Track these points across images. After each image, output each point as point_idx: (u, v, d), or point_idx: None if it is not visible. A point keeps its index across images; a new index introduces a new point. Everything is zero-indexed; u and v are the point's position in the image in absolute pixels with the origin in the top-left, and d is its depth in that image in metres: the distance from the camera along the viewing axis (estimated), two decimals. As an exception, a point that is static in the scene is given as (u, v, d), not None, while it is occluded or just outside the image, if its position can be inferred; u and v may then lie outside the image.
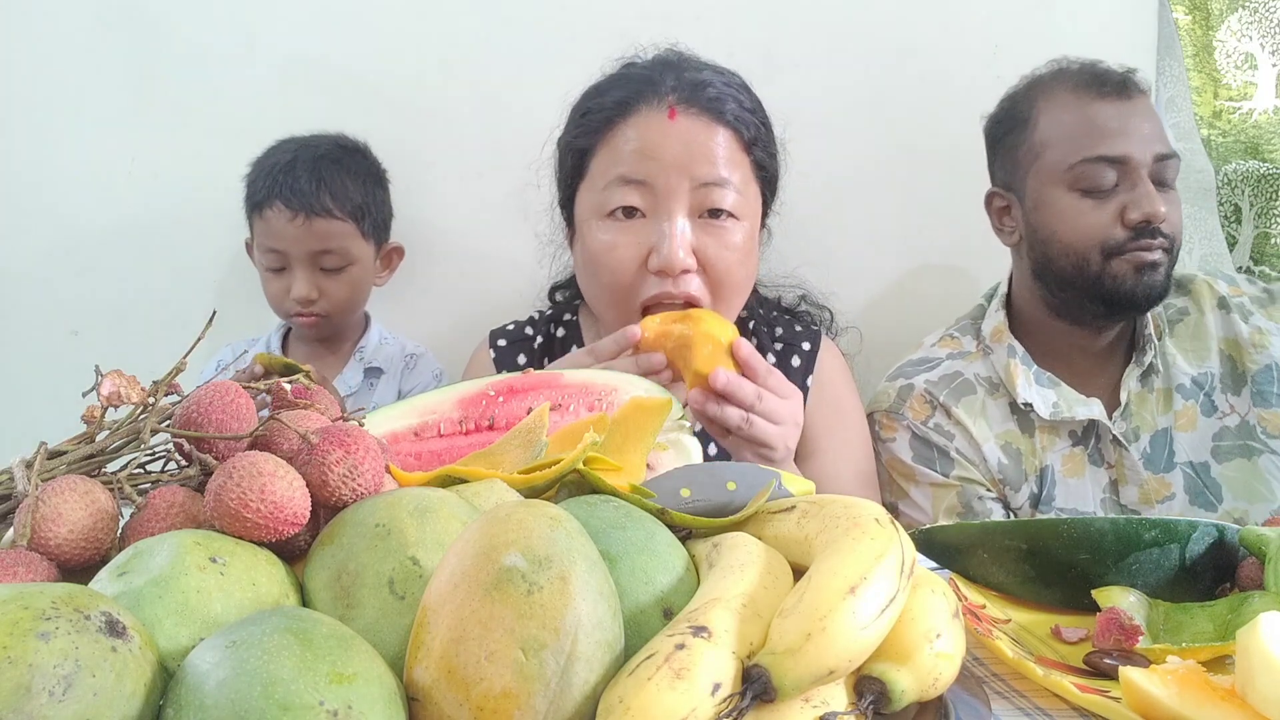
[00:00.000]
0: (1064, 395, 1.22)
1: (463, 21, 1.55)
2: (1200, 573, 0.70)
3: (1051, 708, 0.58)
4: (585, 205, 1.10)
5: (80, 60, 1.54)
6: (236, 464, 0.49)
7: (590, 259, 1.08)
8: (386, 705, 0.39)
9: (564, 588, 0.42)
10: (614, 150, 1.06)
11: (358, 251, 1.41)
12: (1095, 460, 1.22)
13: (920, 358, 1.30)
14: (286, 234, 1.37)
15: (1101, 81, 1.18)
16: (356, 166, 1.43)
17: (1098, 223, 1.15)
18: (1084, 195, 1.16)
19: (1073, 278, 1.18)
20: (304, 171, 1.37)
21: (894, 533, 0.48)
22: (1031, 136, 1.21)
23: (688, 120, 1.04)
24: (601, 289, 1.09)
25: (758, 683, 0.42)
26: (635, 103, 1.06)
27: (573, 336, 1.26)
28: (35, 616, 0.37)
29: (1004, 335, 1.26)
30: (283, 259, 1.39)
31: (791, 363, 1.21)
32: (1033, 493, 1.22)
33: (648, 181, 1.03)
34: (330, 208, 1.37)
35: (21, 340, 1.59)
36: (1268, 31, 1.60)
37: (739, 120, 1.07)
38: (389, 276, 1.52)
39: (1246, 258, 1.62)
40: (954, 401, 1.23)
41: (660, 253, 1.02)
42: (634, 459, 0.70)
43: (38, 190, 1.57)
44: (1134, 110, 1.16)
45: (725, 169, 1.05)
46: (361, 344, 1.50)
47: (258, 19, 1.54)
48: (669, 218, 1.03)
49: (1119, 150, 1.14)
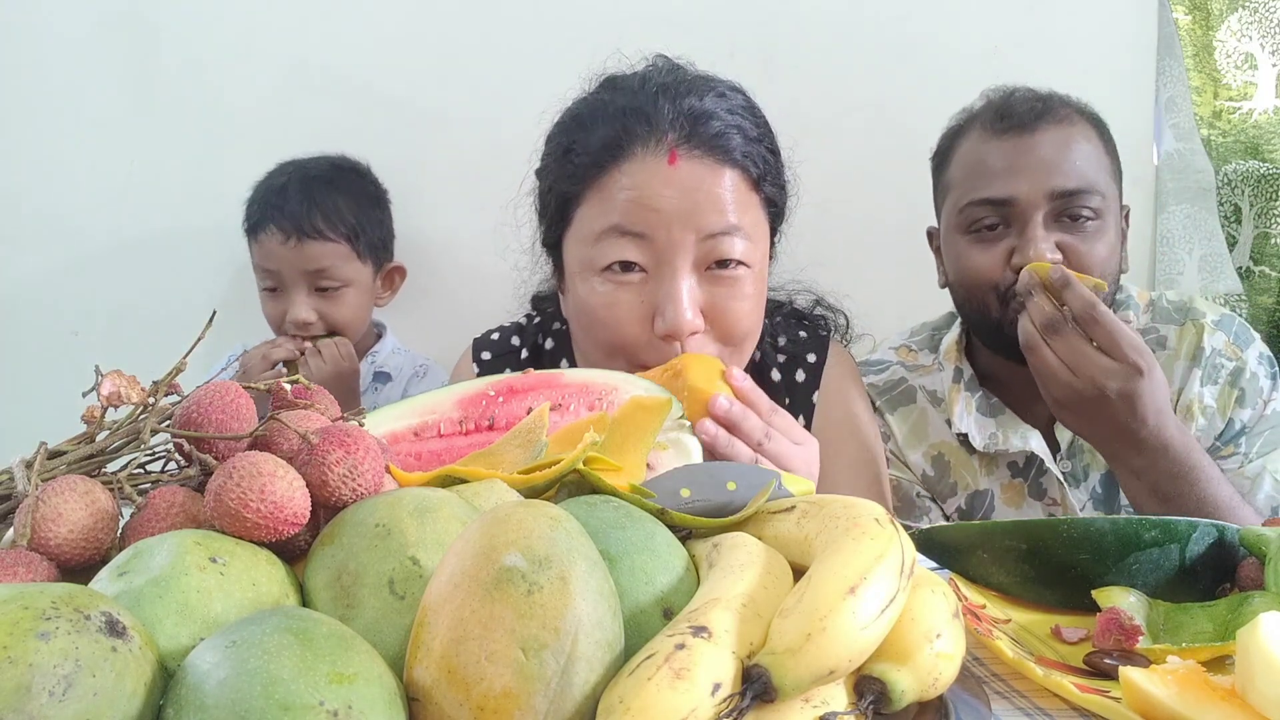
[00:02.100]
0: (1004, 425, 1.19)
1: (462, 28, 1.55)
2: (1200, 573, 0.70)
3: (1051, 708, 0.58)
4: (575, 257, 0.98)
5: (80, 64, 1.55)
6: (236, 464, 0.49)
7: (585, 314, 0.97)
8: (386, 705, 0.39)
9: (564, 588, 0.42)
10: (606, 199, 0.93)
11: (353, 273, 1.41)
12: (1035, 493, 1.19)
13: (875, 359, 1.31)
14: (280, 256, 1.37)
15: (1004, 117, 1.13)
16: (350, 187, 1.43)
17: (985, 266, 1.11)
18: (975, 239, 1.13)
19: (978, 323, 1.16)
20: (295, 193, 1.38)
21: (894, 533, 0.48)
22: (945, 176, 1.20)
23: (690, 164, 0.92)
24: (598, 347, 0.98)
25: (758, 683, 0.42)
26: (629, 144, 0.93)
27: (562, 349, 1.17)
28: (35, 616, 0.37)
29: (956, 354, 1.25)
30: (278, 280, 1.40)
31: (796, 377, 1.13)
32: (961, 509, 1.21)
33: (647, 235, 0.91)
34: (322, 229, 1.37)
35: (21, 340, 1.59)
36: (1268, 31, 1.60)
37: (747, 157, 0.95)
38: (391, 297, 1.52)
39: (1246, 258, 1.62)
40: (890, 408, 1.25)
41: (665, 317, 0.91)
42: (634, 459, 0.70)
43: (38, 193, 1.57)
44: (1034, 145, 1.09)
45: (734, 215, 0.93)
46: (375, 349, 1.51)
47: (257, 26, 1.55)
48: (673, 277, 0.91)
49: (1004, 192, 1.09)
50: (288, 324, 1.39)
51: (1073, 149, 1.10)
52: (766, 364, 1.13)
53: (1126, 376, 0.94)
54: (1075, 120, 1.13)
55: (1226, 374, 1.16)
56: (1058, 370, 0.96)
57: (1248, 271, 1.62)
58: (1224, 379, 1.16)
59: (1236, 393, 1.16)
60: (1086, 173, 1.10)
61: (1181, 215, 1.61)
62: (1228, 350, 1.17)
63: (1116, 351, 0.94)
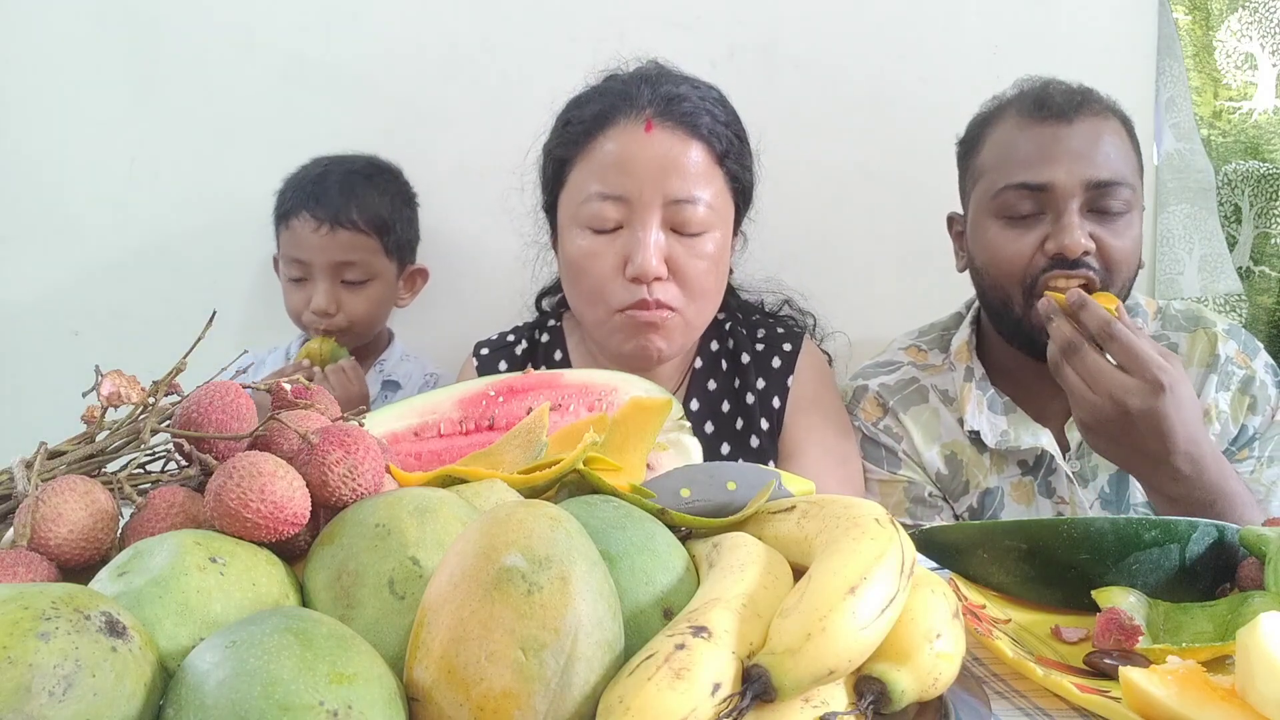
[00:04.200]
0: (1015, 423, 1.19)
1: (463, 27, 1.55)
2: (1200, 573, 0.70)
3: (1051, 708, 0.58)
4: (566, 213, 1.14)
5: (80, 60, 1.54)
6: (236, 464, 0.49)
7: (571, 264, 1.13)
8: (386, 705, 0.39)
9: (564, 588, 0.42)
10: (592, 162, 1.11)
11: (380, 267, 1.42)
12: (1044, 492, 1.19)
13: (884, 360, 1.31)
14: (310, 243, 1.38)
15: (1042, 105, 1.13)
16: (386, 185, 1.45)
17: (1018, 253, 1.11)
18: (1007, 224, 1.12)
19: (1000, 311, 1.16)
20: (334, 184, 1.39)
21: (894, 533, 0.48)
22: (975, 161, 1.19)
23: (663, 134, 1.09)
24: (581, 293, 1.14)
25: (758, 683, 0.42)
26: (613, 115, 1.11)
27: (556, 343, 1.28)
28: (35, 616, 0.37)
29: (966, 354, 1.25)
30: (305, 269, 1.40)
31: (772, 363, 1.23)
32: (972, 507, 1.21)
33: (624, 196, 1.08)
34: (355, 219, 1.38)
35: (21, 340, 1.59)
36: (1268, 31, 1.60)
37: (712, 133, 1.11)
38: (412, 299, 1.53)
39: (1246, 258, 1.62)
40: (903, 408, 1.24)
41: (635, 262, 1.07)
42: (634, 459, 0.71)
43: (38, 190, 1.57)
44: (1071, 134, 1.10)
45: (697, 185, 1.09)
46: (383, 357, 1.51)
47: (257, 19, 1.54)
48: (644, 229, 1.08)
49: (1041, 177, 1.09)
50: (309, 313, 1.39)
51: (1107, 141, 1.11)
52: (740, 348, 1.25)
53: (1147, 393, 0.91)
54: (1109, 115, 1.14)
55: (1238, 381, 1.17)
56: (1078, 390, 0.96)
57: (1248, 271, 1.61)
58: (1235, 386, 1.17)
59: (1248, 399, 1.17)
60: (1119, 166, 1.11)
61: (1181, 215, 1.61)
62: (1238, 359, 1.18)
63: (1135, 367, 0.92)
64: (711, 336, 1.25)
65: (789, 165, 1.24)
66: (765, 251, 1.29)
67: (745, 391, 1.22)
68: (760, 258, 1.29)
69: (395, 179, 1.48)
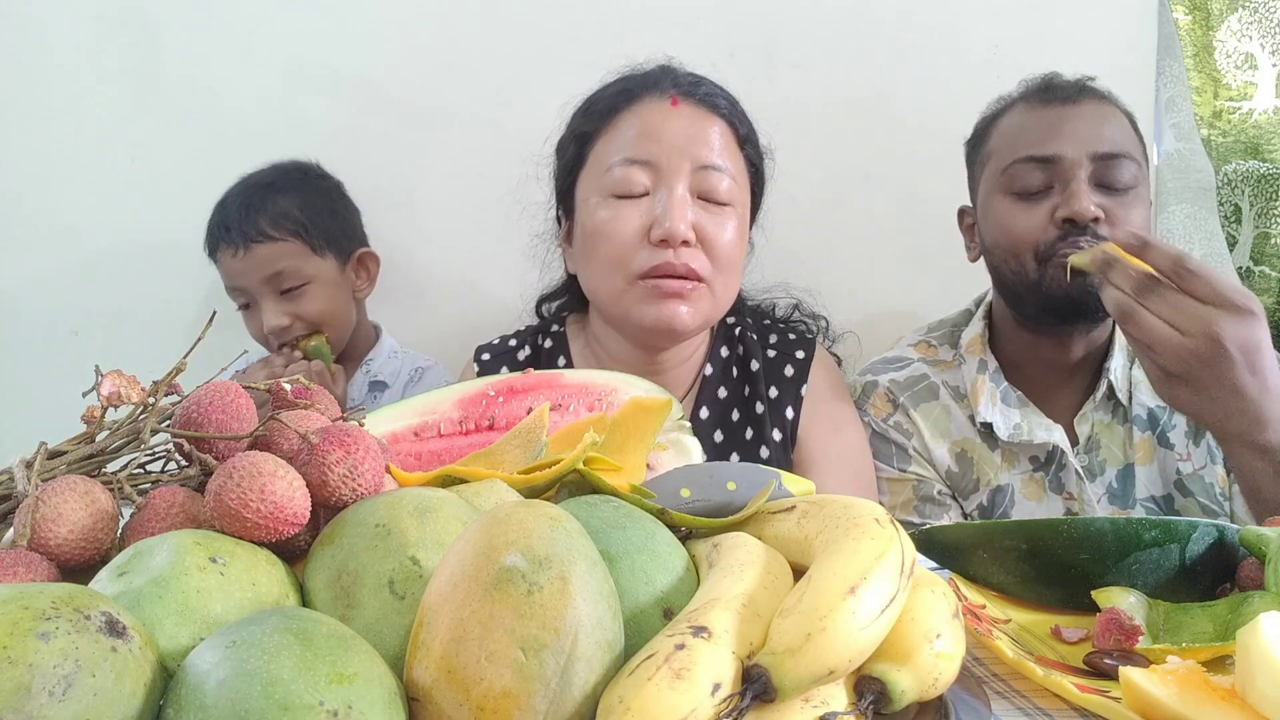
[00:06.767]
0: (1028, 418, 1.19)
1: (463, 28, 1.55)
2: (1200, 573, 0.70)
3: (1051, 708, 0.58)
4: (587, 187, 1.12)
5: (80, 61, 1.54)
6: (236, 464, 0.49)
7: (590, 234, 1.10)
8: (386, 705, 0.39)
9: (564, 588, 0.42)
10: (617, 134, 1.10)
11: (313, 269, 1.38)
12: (1054, 488, 1.20)
13: (894, 356, 1.31)
14: (236, 270, 1.36)
15: (1048, 89, 1.17)
16: (293, 185, 1.40)
17: (1029, 225, 1.12)
18: (1017, 199, 1.14)
19: (1016, 285, 1.16)
20: (235, 205, 1.37)
21: (894, 533, 0.48)
22: (984, 148, 1.22)
23: (689, 108, 1.10)
24: (600, 262, 1.09)
25: (758, 683, 0.42)
26: (639, 93, 1.11)
27: (560, 348, 1.25)
28: (35, 616, 0.37)
29: (979, 347, 1.25)
30: (245, 295, 1.38)
31: (785, 371, 1.20)
32: (982, 505, 1.21)
33: (652, 161, 1.07)
34: (265, 230, 1.35)
35: (21, 340, 1.59)
36: (1268, 31, 1.60)
37: (734, 116, 1.13)
38: (369, 286, 1.48)
39: (1246, 258, 1.62)
40: (913, 404, 1.24)
41: (662, 224, 1.04)
42: (634, 459, 0.71)
43: (38, 191, 1.57)
44: (1077, 114, 1.13)
45: (722, 157, 1.09)
46: (370, 356, 1.49)
47: (257, 22, 1.54)
48: (671, 192, 1.06)
49: (1048, 150, 1.11)
50: (267, 334, 1.37)
51: (1112, 122, 1.14)
52: (750, 354, 1.22)
53: (1241, 321, 0.83)
54: (1113, 103, 1.18)
55: None
56: (1164, 335, 0.85)
57: (1248, 271, 1.61)
58: None
59: None
60: (1124, 142, 1.13)
61: (1181, 215, 1.61)
62: None
63: (1220, 299, 0.83)
64: (722, 342, 1.23)
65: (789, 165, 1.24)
66: (766, 252, 1.29)
67: (755, 400, 1.19)
68: (760, 258, 1.29)
69: (304, 175, 1.44)
